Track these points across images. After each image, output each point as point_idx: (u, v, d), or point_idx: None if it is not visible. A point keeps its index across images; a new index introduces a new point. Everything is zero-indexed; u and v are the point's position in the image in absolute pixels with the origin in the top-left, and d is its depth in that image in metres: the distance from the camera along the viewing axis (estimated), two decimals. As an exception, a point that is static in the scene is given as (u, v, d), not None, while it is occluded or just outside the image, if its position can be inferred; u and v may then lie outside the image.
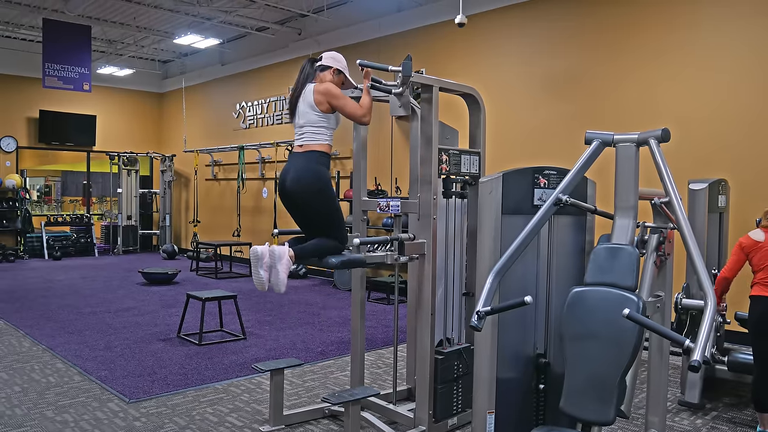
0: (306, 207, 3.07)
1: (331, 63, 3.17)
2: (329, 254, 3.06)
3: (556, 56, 6.69)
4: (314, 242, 3.06)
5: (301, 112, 3.11)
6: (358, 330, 3.76)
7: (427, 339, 3.28)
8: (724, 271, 3.71)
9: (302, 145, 3.11)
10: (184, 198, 13.39)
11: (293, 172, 3.06)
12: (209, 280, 9.27)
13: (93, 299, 7.47)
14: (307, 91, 3.10)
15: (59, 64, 9.48)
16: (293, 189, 3.05)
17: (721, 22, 5.49)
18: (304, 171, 3.03)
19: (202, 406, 3.90)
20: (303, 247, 3.03)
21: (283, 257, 2.90)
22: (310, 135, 3.08)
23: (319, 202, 3.04)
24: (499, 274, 2.68)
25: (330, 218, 3.08)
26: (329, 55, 3.21)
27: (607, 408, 2.44)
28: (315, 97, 3.05)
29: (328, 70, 3.17)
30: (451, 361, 3.40)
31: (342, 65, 3.20)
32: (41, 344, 5.31)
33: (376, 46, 8.63)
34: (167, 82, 13.75)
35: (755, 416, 3.78)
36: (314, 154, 3.06)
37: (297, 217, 3.18)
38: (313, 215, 3.08)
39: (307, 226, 3.16)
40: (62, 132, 12.43)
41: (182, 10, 9.30)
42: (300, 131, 3.12)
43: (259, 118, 11.06)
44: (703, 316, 2.16)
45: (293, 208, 3.14)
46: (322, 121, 3.08)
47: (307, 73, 3.15)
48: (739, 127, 5.37)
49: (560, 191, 2.74)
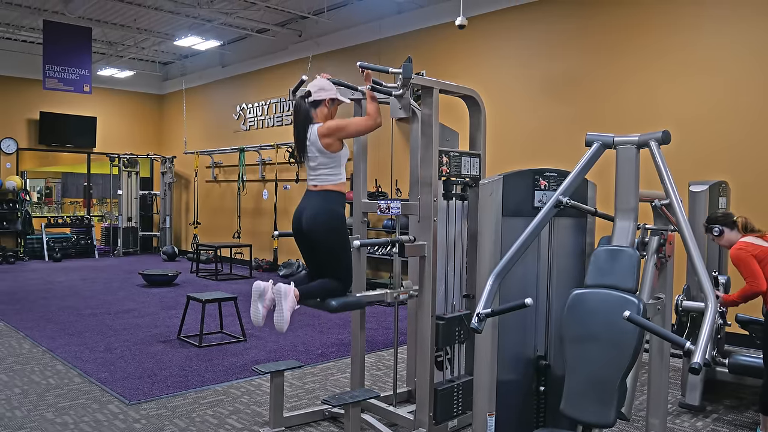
0: (319, 245, 3.12)
1: (322, 96, 3.17)
2: (332, 296, 3.11)
3: (556, 58, 6.70)
4: (320, 282, 3.12)
5: (311, 155, 3.14)
6: (359, 332, 3.75)
7: (428, 341, 3.28)
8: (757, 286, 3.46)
9: (317, 185, 3.15)
10: (184, 200, 13.39)
11: (309, 210, 3.12)
12: (209, 281, 9.27)
13: (93, 301, 7.47)
14: (313, 136, 3.12)
15: (60, 65, 9.49)
16: (309, 227, 3.10)
17: (721, 24, 5.50)
18: (321, 210, 3.08)
19: (202, 407, 3.89)
20: (308, 288, 3.08)
21: (289, 295, 2.93)
22: (325, 176, 3.14)
23: (333, 242, 3.10)
24: (499, 276, 2.68)
25: (340, 259, 3.13)
26: (317, 87, 3.18)
27: (608, 410, 2.44)
28: (323, 142, 3.09)
29: (322, 104, 3.17)
30: (452, 327, 3.40)
31: (331, 92, 3.19)
32: (41, 346, 5.31)
33: (377, 47, 8.64)
34: (167, 83, 13.76)
35: (756, 419, 3.78)
36: (330, 194, 3.12)
37: (308, 255, 3.24)
38: (325, 254, 3.13)
39: (317, 265, 3.21)
40: (62, 134, 12.44)
41: (183, 12, 9.31)
42: (314, 172, 3.16)
43: (260, 120, 11.07)
44: (703, 318, 2.16)
45: (306, 246, 3.20)
46: (334, 161, 3.13)
47: (305, 113, 3.14)
48: (740, 129, 5.38)
49: (561, 193, 2.74)
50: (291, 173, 10.04)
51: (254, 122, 11.21)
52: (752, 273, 3.46)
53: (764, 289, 3.46)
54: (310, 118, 3.15)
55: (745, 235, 3.63)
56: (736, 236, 3.66)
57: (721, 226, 3.72)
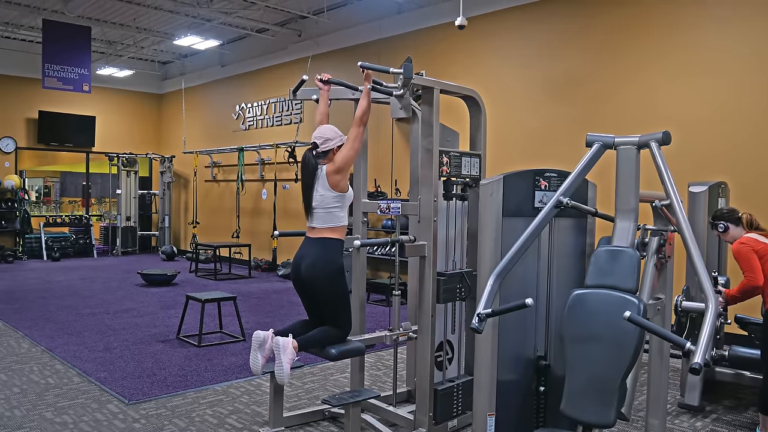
0: (318, 293, 3.15)
1: (329, 146, 3.18)
2: (331, 344, 3.14)
3: (556, 58, 6.70)
4: (319, 331, 3.16)
5: (316, 194, 3.16)
6: (358, 331, 3.75)
7: (428, 341, 3.28)
8: (754, 280, 3.47)
9: (315, 228, 3.17)
10: (183, 199, 13.38)
11: (308, 258, 3.15)
12: (208, 281, 9.26)
13: (92, 300, 7.46)
14: (322, 177, 3.15)
15: (59, 64, 9.48)
16: (307, 275, 3.14)
17: (722, 24, 5.49)
18: (319, 259, 3.11)
19: (201, 407, 3.89)
20: (307, 338, 3.11)
21: (287, 348, 2.98)
22: (325, 217, 3.16)
23: (332, 291, 3.13)
24: (500, 276, 2.68)
25: (338, 307, 3.17)
26: (322, 138, 3.18)
27: (608, 410, 2.44)
28: (330, 180, 3.12)
29: (330, 153, 3.18)
30: (453, 283, 3.40)
31: (337, 140, 3.19)
32: (40, 345, 5.30)
33: (377, 48, 8.64)
34: (167, 83, 13.75)
35: (755, 419, 3.78)
36: (329, 242, 3.15)
37: (307, 301, 3.27)
38: (324, 302, 3.16)
39: (316, 312, 3.24)
40: (61, 133, 12.42)
41: (182, 12, 9.30)
42: (313, 213, 3.18)
43: (259, 120, 11.06)
44: (704, 318, 2.16)
45: (305, 293, 3.23)
46: (337, 202, 3.15)
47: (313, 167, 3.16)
48: (739, 130, 5.38)
49: (561, 193, 2.74)
50: (290, 173, 10.03)
51: (254, 122, 11.20)
52: (751, 267, 3.50)
53: (761, 284, 3.49)
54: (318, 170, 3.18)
55: (750, 232, 3.66)
56: (740, 232, 3.70)
57: (726, 222, 3.74)
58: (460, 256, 3.58)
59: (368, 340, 3.42)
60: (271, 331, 3.06)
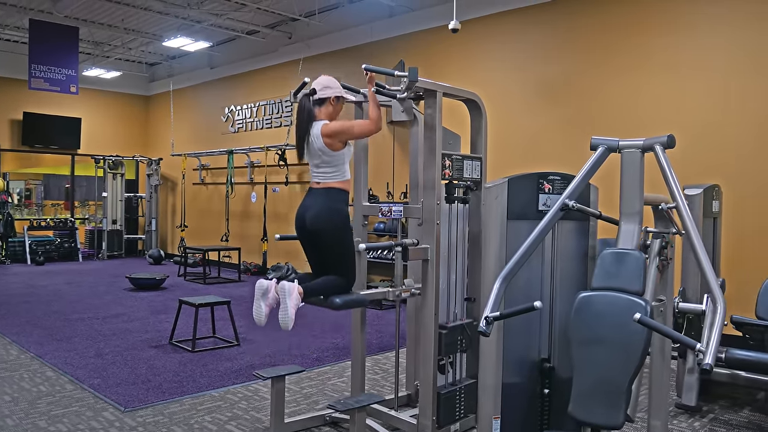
0: (323, 243, 3.08)
1: (328, 93, 3.13)
2: (336, 293, 3.07)
3: (551, 61, 6.73)
4: (324, 280, 3.09)
5: (314, 152, 3.10)
6: (359, 335, 3.73)
7: (431, 345, 3.27)
8: None
9: (320, 183, 3.12)
10: (170, 202, 13.25)
11: (313, 208, 3.08)
12: (198, 285, 9.17)
13: (80, 305, 7.34)
14: (315, 134, 3.07)
15: (46, 65, 9.34)
16: (312, 225, 3.07)
17: (716, 23, 5.51)
18: (324, 208, 3.05)
19: (200, 414, 3.84)
20: (312, 285, 3.03)
21: (293, 293, 2.89)
22: (328, 173, 3.10)
23: (336, 240, 3.07)
24: (506, 279, 2.68)
25: (344, 257, 3.10)
26: (322, 84, 3.14)
27: (616, 412, 2.44)
28: (325, 141, 3.05)
29: (327, 102, 3.13)
30: (454, 336, 3.39)
31: (338, 90, 3.16)
32: (29, 352, 5.20)
33: (369, 50, 8.63)
34: (154, 84, 13.63)
35: (751, 418, 3.82)
36: (333, 191, 3.09)
37: (311, 253, 3.20)
38: (329, 252, 3.10)
39: (320, 263, 3.17)
40: (46, 135, 12.26)
41: (172, 13, 9.23)
42: (316, 169, 3.12)
43: (248, 122, 11.00)
44: (712, 319, 2.18)
45: (310, 244, 3.16)
46: (337, 159, 3.09)
47: (309, 112, 3.10)
48: (733, 132, 5.43)
49: (567, 196, 2.75)
50: (280, 176, 9.98)
51: (243, 124, 11.13)
52: None
53: None
54: (313, 116, 3.11)
55: None
56: None
57: None
58: (462, 259, 3.58)
59: (371, 294, 3.32)
60: (274, 279, 2.99)
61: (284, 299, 2.88)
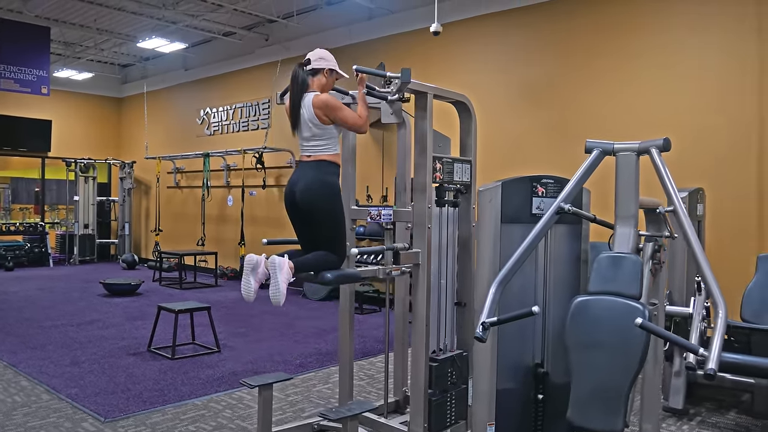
0: (313, 217, 2.97)
1: (322, 65, 3.06)
2: (327, 269, 2.96)
3: (533, 64, 6.75)
4: (315, 255, 2.96)
5: (304, 123, 3.00)
6: (347, 341, 3.66)
7: (422, 350, 3.21)
8: None
9: (310, 156, 3.02)
10: (144, 206, 12.98)
11: (303, 181, 2.97)
12: (174, 290, 8.98)
13: (53, 312, 7.12)
14: (307, 104, 2.98)
15: (16, 66, 9.05)
16: (303, 198, 2.95)
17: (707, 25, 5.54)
18: (315, 180, 2.94)
19: (183, 423, 3.72)
20: (303, 260, 2.91)
21: (284, 267, 2.78)
22: (318, 146, 3.00)
23: (327, 213, 2.96)
24: (501, 284, 2.65)
25: (335, 231, 2.99)
26: (317, 56, 3.08)
27: (616, 417, 2.42)
28: (315, 111, 2.95)
29: (321, 73, 3.07)
30: (445, 369, 3.34)
31: (332, 63, 3.09)
32: (2, 360, 5.00)
33: (349, 53, 8.55)
34: (127, 86, 13.35)
35: (738, 420, 3.86)
36: (323, 163, 2.98)
37: (301, 228, 3.08)
38: (319, 226, 2.98)
39: (310, 239, 3.06)
40: (14, 137, 11.90)
41: (146, 13, 9.03)
42: (306, 143, 3.03)
43: (225, 125, 10.84)
44: (716, 323, 2.17)
45: (299, 218, 3.04)
46: (327, 133, 2.99)
47: (302, 81, 3.02)
48: (711, 134, 5.49)
49: (561, 200, 2.73)
50: (257, 179, 9.84)
51: (219, 127, 10.96)
52: None
53: None
54: (307, 86, 3.02)
55: None
56: None
57: None
58: (452, 263, 3.54)
59: (364, 271, 3.24)
60: (264, 254, 2.89)
61: (275, 274, 2.77)
